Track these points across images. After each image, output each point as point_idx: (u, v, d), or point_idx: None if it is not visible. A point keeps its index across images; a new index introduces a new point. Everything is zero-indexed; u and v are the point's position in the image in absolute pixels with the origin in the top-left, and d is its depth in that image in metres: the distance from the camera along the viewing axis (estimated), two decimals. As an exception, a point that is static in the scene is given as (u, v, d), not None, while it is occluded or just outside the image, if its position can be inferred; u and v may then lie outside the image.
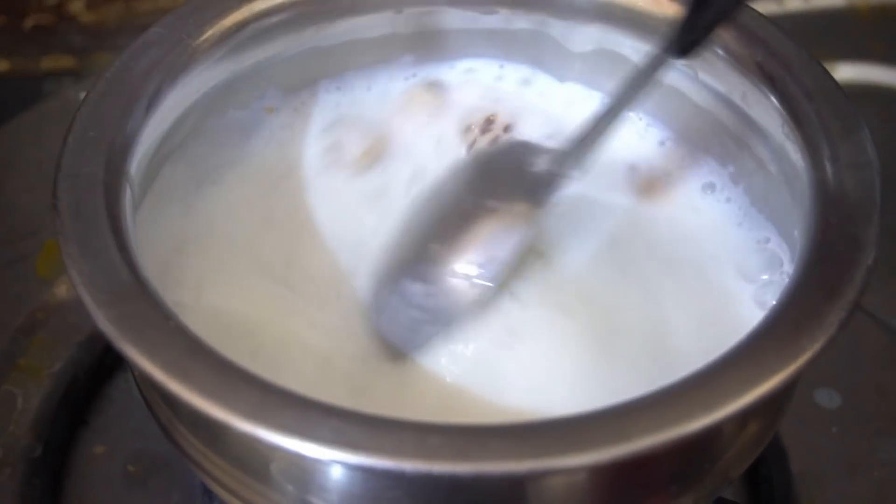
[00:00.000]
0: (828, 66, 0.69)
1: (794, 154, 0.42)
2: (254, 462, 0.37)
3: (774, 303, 0.37)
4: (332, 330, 0.43)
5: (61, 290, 0.54)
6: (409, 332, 0.42)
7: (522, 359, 0.42)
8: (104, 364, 0.53)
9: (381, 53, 0.49)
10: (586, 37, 0.48)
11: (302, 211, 0.47)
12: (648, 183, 0.48)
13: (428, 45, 0.49)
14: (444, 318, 0.42)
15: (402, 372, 0.42)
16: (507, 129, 0.49)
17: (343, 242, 0.46)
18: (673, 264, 0.45)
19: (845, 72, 0.71)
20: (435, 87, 0.50)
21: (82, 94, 0.42)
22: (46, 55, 0.75)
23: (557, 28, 0.48)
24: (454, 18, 0.49)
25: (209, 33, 0.44)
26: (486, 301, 0.43)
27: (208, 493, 0.48)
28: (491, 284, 0.42)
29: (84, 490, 0.50)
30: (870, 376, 0.54)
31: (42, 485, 0.50)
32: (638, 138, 0.49)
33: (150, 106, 0.42)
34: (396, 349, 0.42)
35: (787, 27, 0.67)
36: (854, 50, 0.72)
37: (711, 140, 0.47)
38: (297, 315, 0.43)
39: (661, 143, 0.49)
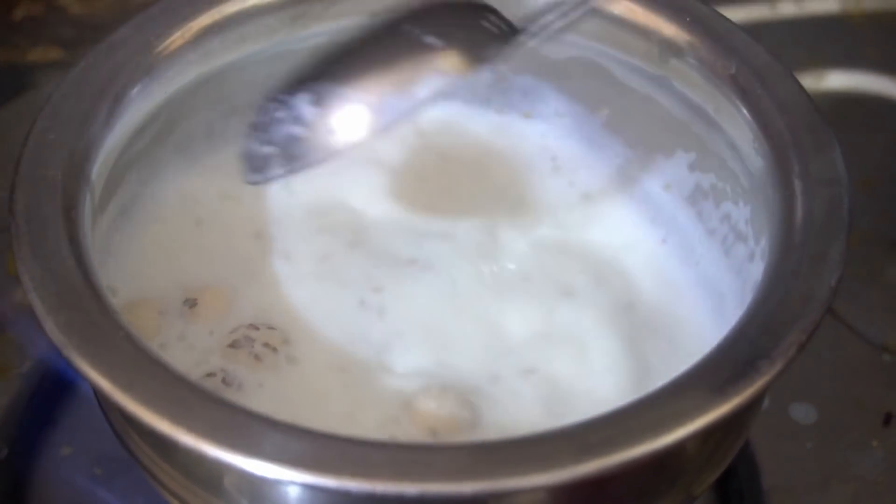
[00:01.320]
0: (820, 73, 0.69)
1: (764, 169, 0.41)
2: (206, 475, 0.37)
3: (735, 322, 0.37)
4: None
5: (26, 291, 0.53)
6: (278, 152, 0.42)
7: None
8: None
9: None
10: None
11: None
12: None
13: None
14: (317, 150, 0.41)
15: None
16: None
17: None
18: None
19: (837, 79, 0.70)
20: None
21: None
22: (35, 47, 0.75)
23: None
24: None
25: (177, 35, 0.44)
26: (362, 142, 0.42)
27: (173, 498, 0.48)
28: (385, 123, 0.41)
29: (50, 492, 0.50)
30: (848, 390, 0.54)
31: (7, 486, 0.49)
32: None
33: (114, 109, 0.41)
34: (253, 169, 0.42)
35: (780, 33, 0.67)
36: (847, 57, 0.71)
37: (684, 150, 0.46)
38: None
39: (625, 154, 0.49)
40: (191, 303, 0.43)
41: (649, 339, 0.44)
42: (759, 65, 0.43)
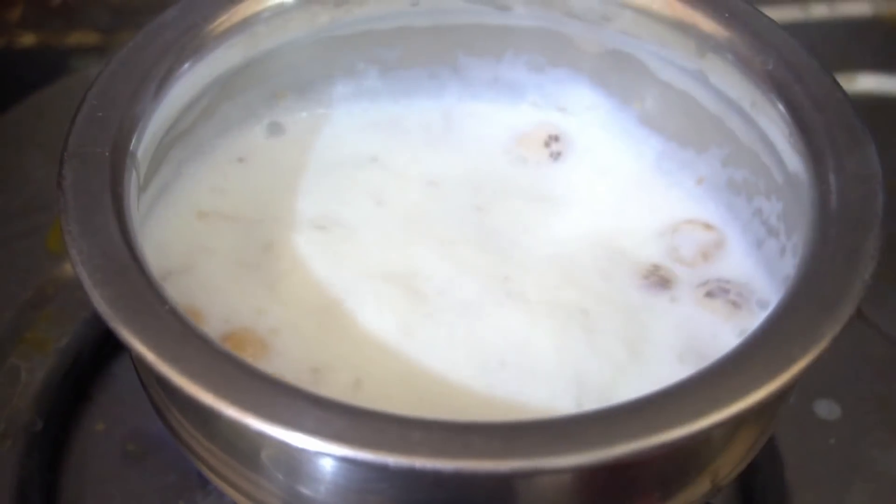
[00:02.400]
0: (851, 76, 0.69)
1: (799, 164, 0.41)
2: (244, 449, 0.37)
3: (769, 312, 0.37)
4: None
5: (71, 266, 0.54)
6: None
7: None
8: (109, 341, 0.53)
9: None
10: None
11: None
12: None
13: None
14: None
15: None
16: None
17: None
18: None
19: (868, 81, 0.70)
20: None
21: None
22: (73, 31, 0.76)
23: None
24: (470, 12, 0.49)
25: (224, 18, 0.44)
26: None
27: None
28: None
29: (82, 466, 0.51)
30: (871, 388, 0.54)
31: (41, 459, 0.50)
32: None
33: (160, 88, 0.42)
34: None
35: (811, 34, 0.67)
36: (878, 60, 0.71)
37: (718, 145, 0.47)
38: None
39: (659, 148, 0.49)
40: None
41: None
42: (795, 61, 0.44)
